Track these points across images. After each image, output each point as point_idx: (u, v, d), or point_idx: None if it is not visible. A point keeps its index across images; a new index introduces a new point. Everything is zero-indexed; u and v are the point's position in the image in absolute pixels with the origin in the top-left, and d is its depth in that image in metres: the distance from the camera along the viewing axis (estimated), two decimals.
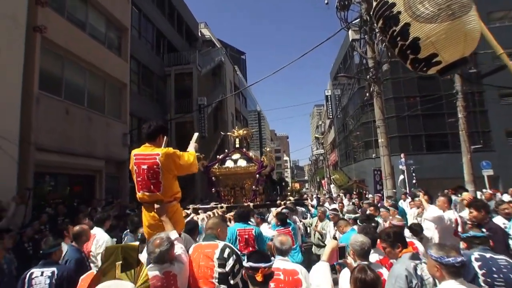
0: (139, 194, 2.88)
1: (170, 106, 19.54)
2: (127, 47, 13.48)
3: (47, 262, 3.26)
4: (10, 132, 7.42)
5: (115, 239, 4.93)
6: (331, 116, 36.56)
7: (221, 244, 2.74)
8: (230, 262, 2.61)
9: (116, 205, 9.82)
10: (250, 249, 4.66)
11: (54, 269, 3.17)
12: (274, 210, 6.22)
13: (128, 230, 5.27)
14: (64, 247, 3.76)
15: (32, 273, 3.13)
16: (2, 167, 7.14)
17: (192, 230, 3.98)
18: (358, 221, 4.65)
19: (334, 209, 7.26)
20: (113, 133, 11.82)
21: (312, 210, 7.91)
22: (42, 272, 3.13)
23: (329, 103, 36.58)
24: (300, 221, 8.15)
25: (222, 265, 2.60)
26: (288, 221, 5.70)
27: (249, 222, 5.10)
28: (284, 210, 6.11)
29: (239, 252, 2.78)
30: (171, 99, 19.64)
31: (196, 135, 3.69)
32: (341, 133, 38.80)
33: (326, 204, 12.18)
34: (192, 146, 3.30)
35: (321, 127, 58.27)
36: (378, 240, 3.25)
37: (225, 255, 2.64)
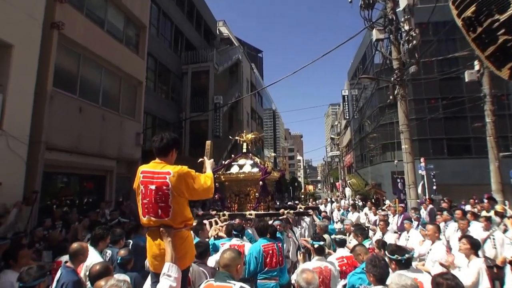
0: (144, 220, 2.49)
1: (186, 104, 19.41)
2: (145, 44, 13.35)
3: None
4: (21, 130, 7.23)
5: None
6: (347, 117, 35.86)
7: (236, 286, 2.32)
8: None
9: (126, 207, 9.61)
10: (274, 264, 4.50)
11: None
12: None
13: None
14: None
15: None
16: (10, 167, 6.94)
17: (202, 254, 3.60)
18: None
19: (358, 225, 6.45)
20: (126, 132, 11.63)
21: (317, 221, 7.30)
22: None
23: (346, 103, 35.93)
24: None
25: None
26: (278, 235, 5.16)
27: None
28: (276, 222, 5.64)
29: None
30: (187, 97, 19.51)
31: (208, 144, 3.23)
32: (357, 134, 38.07)
33: (350, 215, 11.45)
34: (209, 166, 2.88)
35: (336, 127, 57.37)
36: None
37: None
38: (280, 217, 6.20)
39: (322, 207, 15.11)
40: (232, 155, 8.12)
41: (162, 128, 16.20)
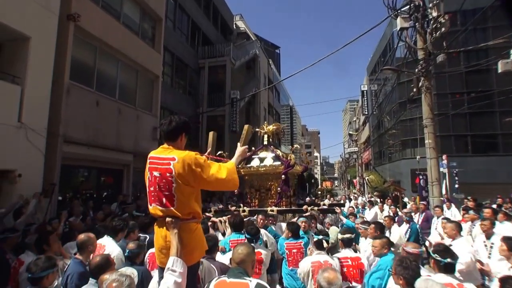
0: (150, 208, 2.33)
1: (203, 99, 19.36)
2: (161, 38, 13.29)
3: None
4: (39, 123, 7.30)
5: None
6: (366, 113, 35.08)
7: (252, 283, 2.10)
8: None
9: (142, 201, 9.56)
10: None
11: None
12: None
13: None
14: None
15: None
16: (29, 160, 7.03)
17: (211, 248, 3.39)
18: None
19: (366, 222, 5.89)
20: (143, 126, 11.61)
21: (344, 220, 6.86)
22: None
23: (365, 98, 35.15)
24: None
25: None
26: (301, 234, 4.75)
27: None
28: (301, 219, 5.24)
29: None
30: (204, 92, 19.45)
31: (246, 128, 2.96)
32: (376, 131, 37.28)
33: (366, 211, 11.08)
34: (236, 155, 2.59)
35: (354, 123, 56.44)
36: None
37: None
38: (305, 214, 5.86)
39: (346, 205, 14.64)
40: (253, 148, 7.80)
41: None
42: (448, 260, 2.78)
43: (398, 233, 6.69)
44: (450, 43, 8.56)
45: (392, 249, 3.87)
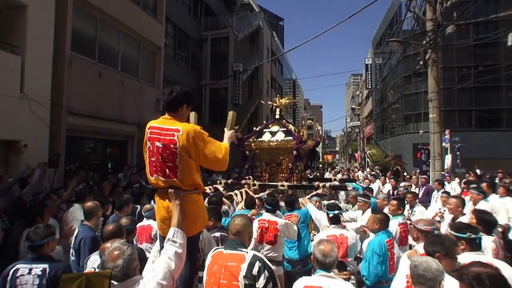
0: (151, 179, 2.33)
1: (206, 71, 19.15)
2: (163, 8, 12.96)
3: (37, 256, 2.59)
4: (42, 94, 7.28)
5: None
6: (369, 87, 34.57)
7: (249, 255, 2.11)
8: (261, 281, 2.02)
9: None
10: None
11: (46, 266, 2.52)
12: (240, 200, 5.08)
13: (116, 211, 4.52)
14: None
15: (16, 270, 2.48)
16: (34, 131, 7.09)
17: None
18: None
19: (365, 195, 5.50)
20: (146, 98, 11.58)
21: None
22: (30, 270, 2.49)
23: (369, 72, 34.53)
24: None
25: (250, 285, 2.02)
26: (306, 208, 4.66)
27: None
28: (314, 199, 5.08)
29: (271, 266, 2.16)
30: (207, 64, 19.21)
31: (231, 114, 2.79)
32: (379, 105, 36.96)
33: (375, 185, 10.97)
34: (226, 137, 2.58)
35: (357, 97, 55.83)
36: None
37: (255, 271, 2.03)
38: (315, 192, 5.70)
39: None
40: (265, 121, 7.64)
41: None
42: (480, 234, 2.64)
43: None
44: (461, 13, 8.26)
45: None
